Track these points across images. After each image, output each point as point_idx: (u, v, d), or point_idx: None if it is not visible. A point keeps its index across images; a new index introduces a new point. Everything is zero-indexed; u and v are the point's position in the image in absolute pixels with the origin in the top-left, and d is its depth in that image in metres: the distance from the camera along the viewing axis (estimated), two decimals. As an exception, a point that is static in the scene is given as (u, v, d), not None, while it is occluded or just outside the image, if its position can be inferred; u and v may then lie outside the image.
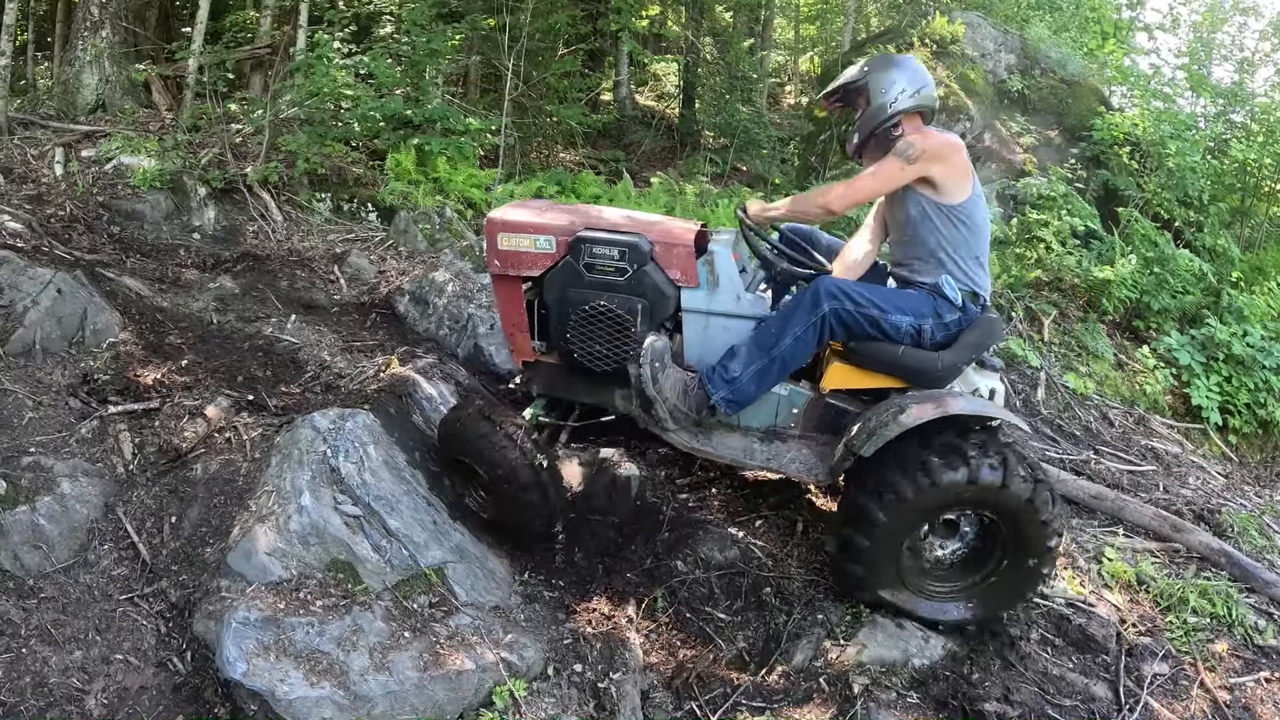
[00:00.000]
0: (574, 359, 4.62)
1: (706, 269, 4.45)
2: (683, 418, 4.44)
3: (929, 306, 4.25)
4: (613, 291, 4.48)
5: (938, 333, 4.26)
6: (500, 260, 4.66)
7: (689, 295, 4.50)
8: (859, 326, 4.19)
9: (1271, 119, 10.31)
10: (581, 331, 4.54)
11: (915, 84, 4.32)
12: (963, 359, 4.29)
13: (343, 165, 9.30)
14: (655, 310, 4.50)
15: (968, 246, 4.32)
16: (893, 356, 4.25)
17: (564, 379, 4.88)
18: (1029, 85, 11.60)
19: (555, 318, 4.65)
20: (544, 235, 4.58)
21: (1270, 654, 4.76)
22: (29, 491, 4.26)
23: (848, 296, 4.16)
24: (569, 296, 4.55)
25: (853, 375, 4.43)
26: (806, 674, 4.15)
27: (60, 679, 3.67)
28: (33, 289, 5.41)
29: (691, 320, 4.55)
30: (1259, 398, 7.71)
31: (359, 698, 3.46)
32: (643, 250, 4.42)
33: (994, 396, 4.41)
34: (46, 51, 12.52)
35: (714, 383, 4.34)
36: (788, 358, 4.26)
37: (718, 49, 14.87)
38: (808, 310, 4.19)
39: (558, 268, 4.57)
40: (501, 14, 10.28)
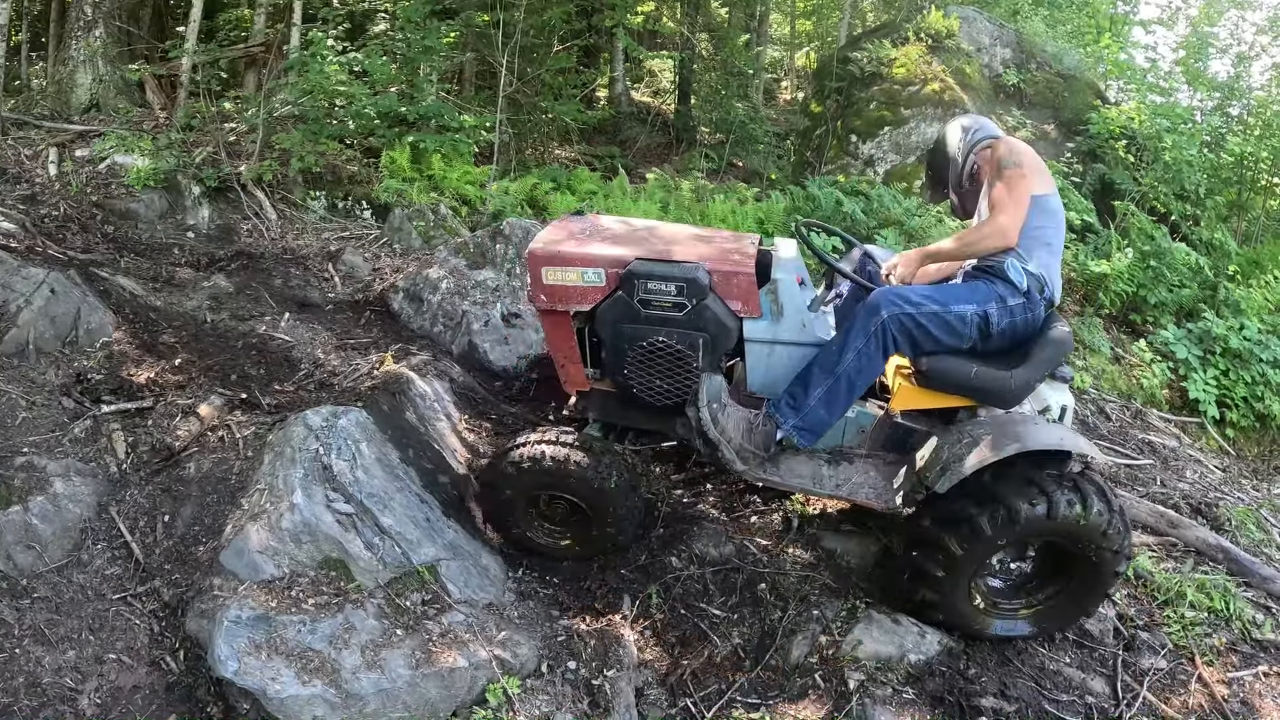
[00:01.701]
0: (633, 393, 4.46)
1: (770, 298, 4.30)
2: (750, 456, 4.29)
3: (990, 292, 4.18)
4: (671, 327, 4.27)
5: (1003, 318, 4.16)
6: (546, 295, 4.40)
7: (752, 326, 4.33)
8: (921, 330, 4.09)
9: (1268, 113, 10.31)
10: (640, 367, 4.37)
11: (972, 125, 4.55)
12: (1035, 377, 4.17)
13: (337, 163, 9.28)
14: (717, 343, 4.31)
15: (1042, 230, 4.28)
16: (965, 378, 4.14)
17: (620, 407, 4.71)
18: (1025, 79, 11.62)
19: (610, 352, 4.45)
20: (592, 268, 4.33)
21: (1268, 648, 4.75)
22: (22, 491, 4.24)
23: (904, 299, 4.08)
24: (624, 332, 4.33)
25: (923, 396, 4.30)
26: (802, 670, 4.15)
27: (53, 678, 3.65)
28: (26, 289, 5.39)
29: (755, 349, 4.39)
30: (1256, 391, 7.71)
31: (351, 696, 3.45)
32: (701, 284, 4.19)
33: (1064, 414, 4.34)
34: (41, 51, 12.50)
35: (782, 413, 4.25)
36: (854, 375, 4.15)
37: (713, 45, 14.84)
38: (864, 321, 4.10)
39: (610, 302, 4.33)
40: (496, 10, 10.25)
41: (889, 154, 11.21)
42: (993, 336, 4.17)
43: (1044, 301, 4.27)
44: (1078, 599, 4.29)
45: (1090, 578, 4.18)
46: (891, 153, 11.20)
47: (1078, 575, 4.22)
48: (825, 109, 12.37)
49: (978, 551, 4.07)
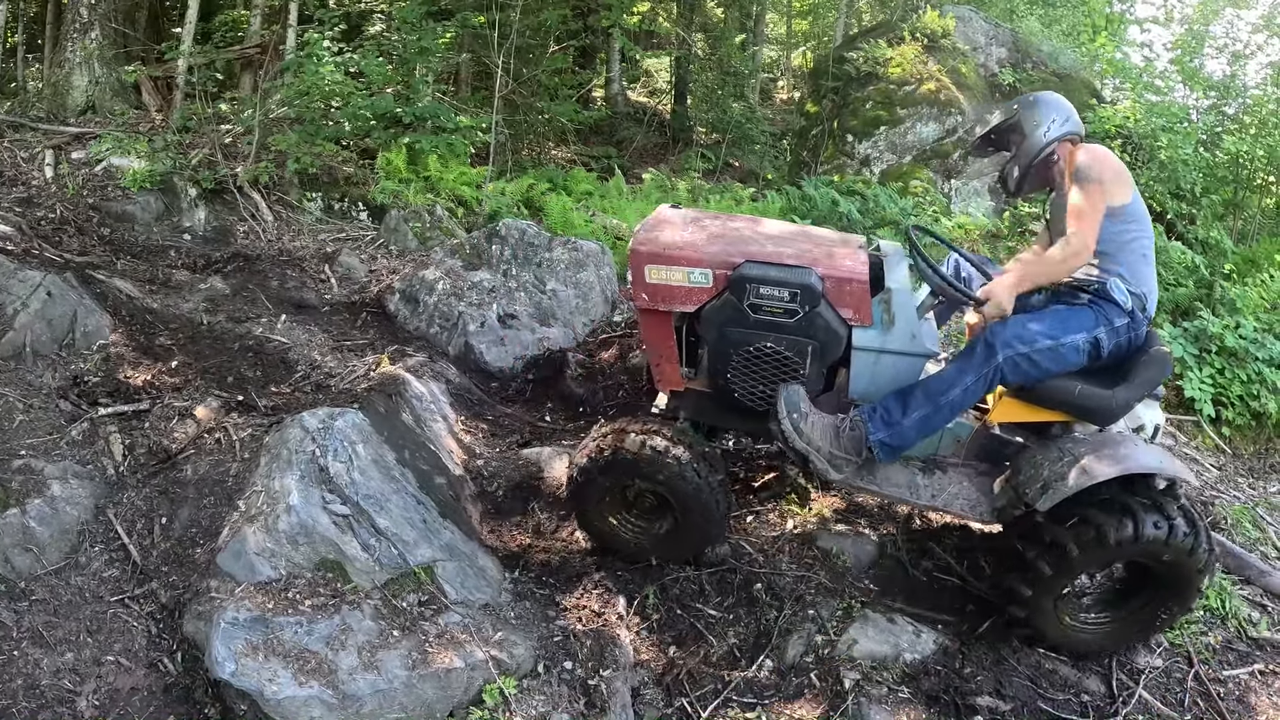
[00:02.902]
0: (734, 398, 4.37)
1: (883, 307, 4.19)
2: (843, 462, 4.20)
3: (1099, 316, 4.15)
4: (780, 333, 4.16)
5: (1111, 341, 4.14)
6: (649, 294, 4.27)
7: (861, 334, 4.22)
8: (1034, 366, 4.06)
9: (1264, 111, 10.32)
10: (745, 372, 4.27)
11: (1064, 114, 4.40)
12: (1136, 397, 4.15)
13: (333, 164, 9.28)
14: (826, 351, 4.22)
15: (1135, 244, 4.27)
16: (1069, 396, 4.12)
17: (715, 408, 4.62)
18: (1021, 79, 11.64)
19: (714, 355, 4.35)
20: (699, 269, 4.20)
21: (1264, 646, 4.76)
22: (19, 494, 4.24)
23: (1020, 339, 4.04)
24: (730, 335, 4.23)
25: (1022, 409, 4.30)
26: (798, 670, 4.16)
27: (51, 681, 3.65)
28: (22, 291, 5.39)
29: (861, 358, 4.27)
30: (1252, 390, 7.71)
31: (348, 697, 3.45)
32: (816, 291, 4.07)
33: (1156, 432, 4.35)
34: (37, 53, 12.49)
35: (874, 423, 4.17)
36: (955, 407, 4.14)
37: (710, 45, 14.85)
38: (980, 361, 4.06)
39: (717, 304, 4.22)
40: (492, 11, 10.25)
41: (885, 153, 11.22)
42: (1101, 359, 4.17)
43: (1145, 319, 4.26)
44: (1160, 613, 4.32)
45: (1174, 593, 4.22)
46: (887, 152, 11.21)
47: (1161, 591, 4.25)
48: (821, 109, 12.38)
49: (1066, 571, 4.10)
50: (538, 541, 4.82)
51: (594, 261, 7.35)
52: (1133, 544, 3.95)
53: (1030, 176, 4.45)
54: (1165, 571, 4.14)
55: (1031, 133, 4.38)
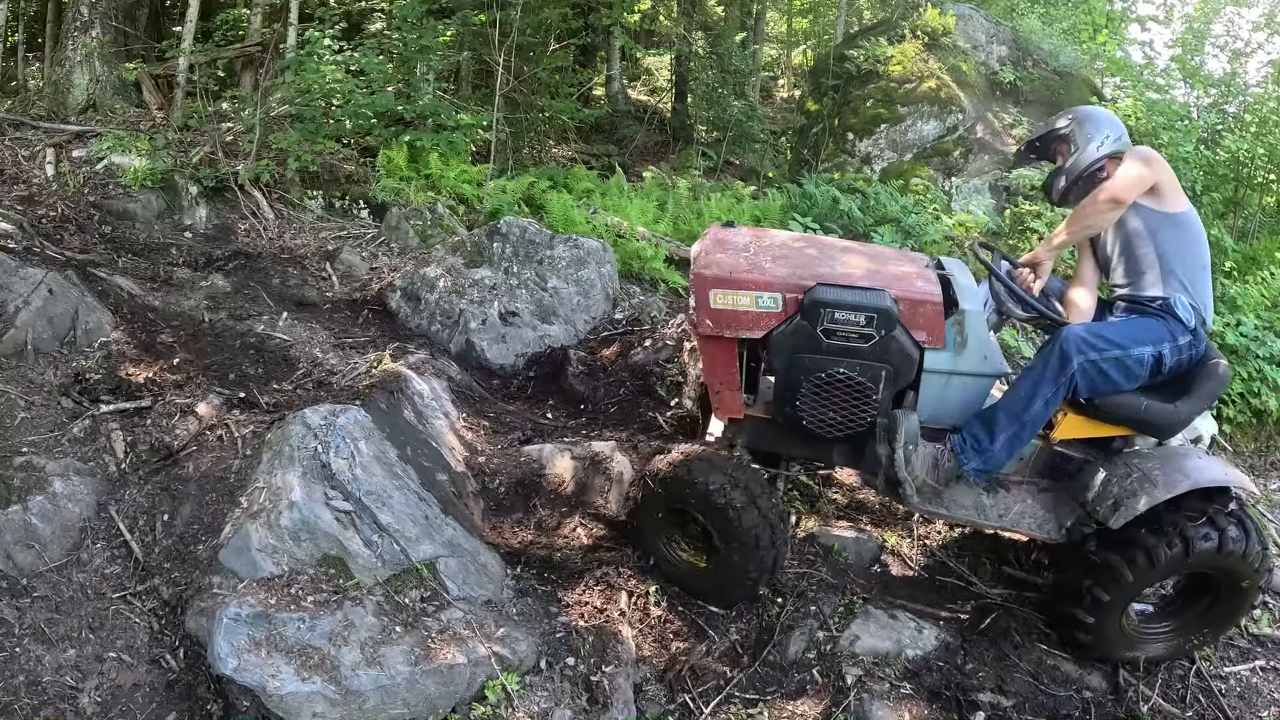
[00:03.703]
0: (803, 425, 4.27)
1: (955, 329, 4.16)
2: (929, 491, 4.23)
3: (1163, 330, 4.18)
4: (854, 359, 4.08)
5: (1173, 357, 4.18)
6: (713, 320, 4.16)
7: (933, 357, 4.18)
8: (1102, 376, 4.08)
9: (1265, 110, 10.31)
10: (816, 399, 4.18)
11: (1116, 131, 4.45)
12: (1198, 410, 4.21)
13: (334, 162, 9.28)
14: (899, 376, 4.15)
15: (1194, 255, 4.30)
16: (1135, 411, 4.14)
17: (775, 435, 4.54)
18: (1021, 77, 11.63)
19: (782, 382, 4.26)
20: (768, 293, 4.10)
21: (1265, 643, 4.78)
22: (21, 491, 4.24)
23: (1091, 346, 4.05)
24: (802, 362, 4.12)
25: (1086, 425, 4.31)
26: (800, 665, 4.17)
27: (54, 677, 3.66)
28: (24, 289, 5.40)
29: (932, 380, 4.22)
30: (1253, 387, 7.72)
31: (350, 692, 3.45)
32: (892, 316, 4.02)
33: (1212, 442, 4.47)
34: (37, 52, 12.47)
35: (966, 454, 4.21)
36: (1038, 421, 4.16)
37: (710, 43, 14.83)
38: (1056, 370, 4.06)
39: (787, 329, 4.12)
40: (492, 9, 10.24)
41: (886, 151, 11.21)
42: (1163, 375, 4.20)
43: (1205, 335, 4.30)
44: (1218, 620, 4.41)
45: (1231, 601, 4.32)
46: (888, 150, 11.20)
47: (1220, 599, 4.34)
48: (822, 107, 12.37)
49: (1126, 591, 4.18)
50: (539, 538, 4.82)
51: (595, 259, 7.35)
52: (1215, 555, 4.08)
53: (1077, 189, 4.47)
54: (1227, 579, 4.24)
55: (1085, 147, 4.43)
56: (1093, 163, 4.41)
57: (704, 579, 4.44)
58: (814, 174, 10.79)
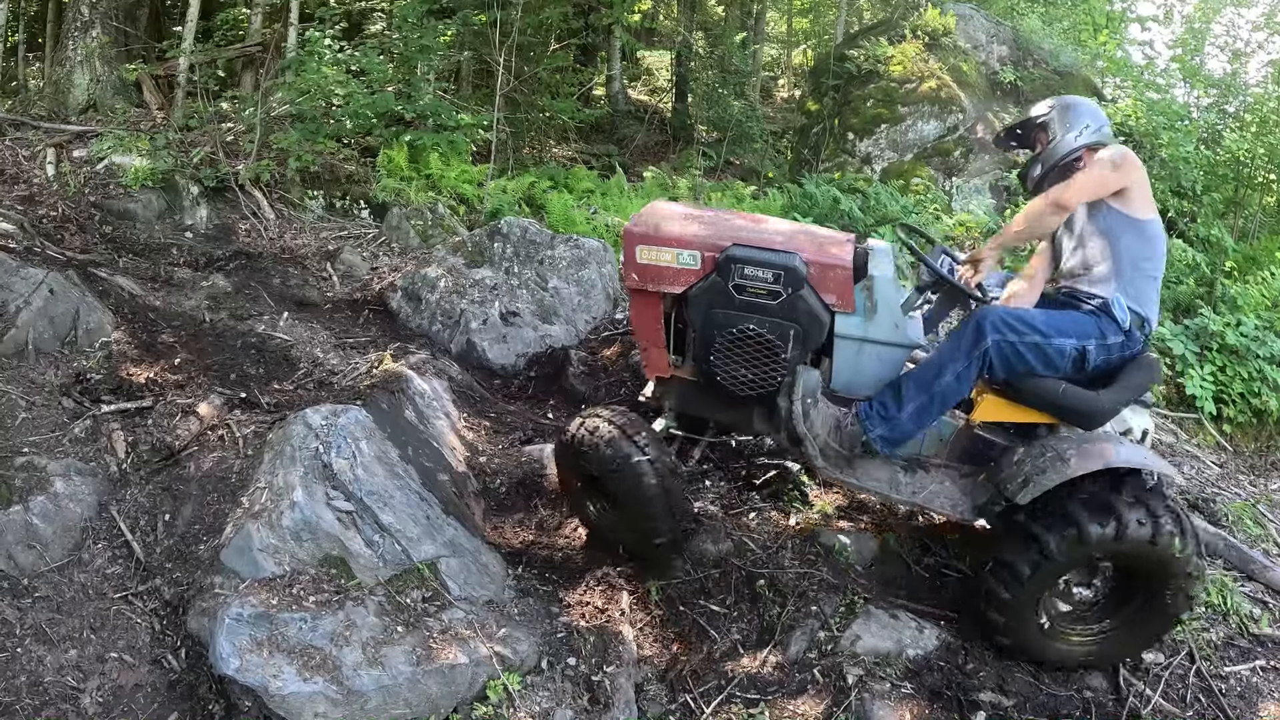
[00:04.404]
0: (716, 381, 4.39)
1: (865, 294, 4.26)
2: (833, 454, 4.29)
3: (1092, 327, 4.12)
4: (763, 315, 4.23)
5: (1100, 355, 4.12)
6: (639, 275, 4.39)
7: (844, 321, 4.28)
8: (1020, 359, 4.06)
9: (1265, 109, 10.32)
10: (727, 355, 4.31)
11: (1096, 121, 4.37)
12: (1122, 400, 4.12)
13: (335, 162, 9.28)
14: (808, 336, 4.27)
15: (1149, 265, 4.23)
16: (1053, 395, 4.09)
17: (700, 397, 4.66)
18: (1021, 77, 11.64)
19: (698, 338, 4.43)
20: (688, 250, 4.30)
21: (1266, 643, 4.76)
22: (23, 491, 4.25)
23: (1009, 327, 4.04)
24: (715, 318, 4.30)
25: (1007, 409, 4.27)
26: (801, 665, 4.16)
27: (55, 678, 3.66)
28: (25, 289, 5.40)
29: (844, 346, 4.33)
30: (1253, 387, 7.72)
31: (352, 692, 3.46)
32: (799, 274, 4.16)
33: (1145, 437, 4.31)
34: (38, 52, 12.48)
35: (871, 420, 4.23)
36: (949, 395, 4.16)
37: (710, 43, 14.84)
38: (970, 345, 4.07)
39: (703, 286, 4.31)
40: (493, 9, 10.25)
41: (886, 151, 11.22)
42: (1087, 370, 4.14)
43: (1144, 338, 4.23)
44: (1148, 623, 4.23)
45: (1161, 601, 4.13)
46: (889, 150, 11.21)
47: (1153, 596, 4.16)
48: (822, 107, 12.39)
49: (1046, 572, 4.03)
50: (540, 538, 4.82)
51: (596, 259, 7.35)
52: (1114, 542, 3.90)
53: (1052, 177, 4.39)
54: (1154, 574, 4.06)
55: (1062, 135, 4.36)
56: (1069, 152, 4.34)
57: (624, 538, 4.55)
58: (814, 174, 10.80)
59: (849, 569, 4.77)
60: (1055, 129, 4.39)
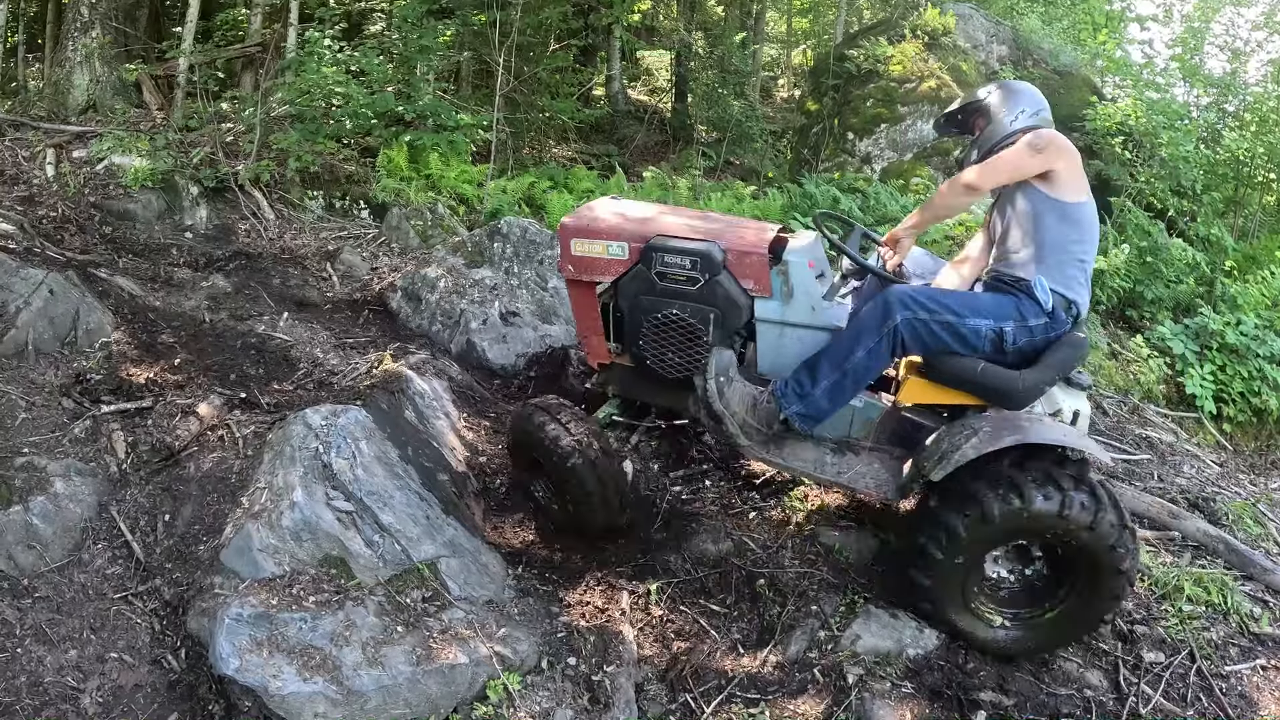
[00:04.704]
0: (647, 365, 4.65)
1: (781, 279, 4.39)
2: (754, 432, 4.38)
3: (1011, 308, 4.10)
4: (684, 300, 4.47)
5: (1020, 337, 4.10)
6: (574, 266, 4.71)
7: (763, 305, 4.46)
8: (933, 337, 4.07)
9: (1264, 108, 10.32)
10: (654, 339, 4.58)
11: (1034, 105, 4.35)
12: (1046, 379, 4.08)
13: (334, 163, 9.29)
14: (728, 320, 4.47)
15: (1076, 246, 4.17)
16: (971, 374, 4.10)
17: (638, 382, 4.90)
18: (1021, 76, 11.61)
19: (629, 324, 4.68)
20: (616, 242, 4.59)
21: (1266, 642, 4.75)
22: (22, 491, 4.25)
23: (920, 305, 4.05)
24: (642, 304, 4.57)
25: (931, 391, 4.28)
26: (801, 665, 4.16)
27: (55, 678, 3.66)
28: (25, 290, 5.40)
29: (765, 330, 4.51)
30: (1253, 386, 7.73)
31: (352, 692, 3.46)
32: (715, 260, 4.39)
33: (1078, 418, 4.24)
34: (37, 52, 12.49)
35: (786, 397, 4.30)
36: (861, 372, 4.19)
37: (710, 43, 14.84)
38: (879, 321, 4.10)
39: (631, 275, 4.59)
40: (492, 9, 10.25)
41: (886, 151, 11.22)
42: (1007, 353, 4.11)
43: (1070, 320, 4.19)
44: (1083, 609, 4.16)
45: (1097, 582, 4.04)
46: (888, 150, 11.21)
47: (1083, 580, 4.09)
48: (822, 106, 12.39)
49: (958, 553, 4.01)
50: (540, 538, 4.82)
51: (595, 259, 7.34)
52: (1021, 518, 3.86)
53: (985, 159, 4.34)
54: (1079, 555, 3.99)
55: (998, 119, 4.34)
56: (1005, 136, 4.29)
57: (568, 518, 4.69)
58: (814, 174, 10.80)
59: (849, 569, 4.76)
60: (992, 113, 4.37)
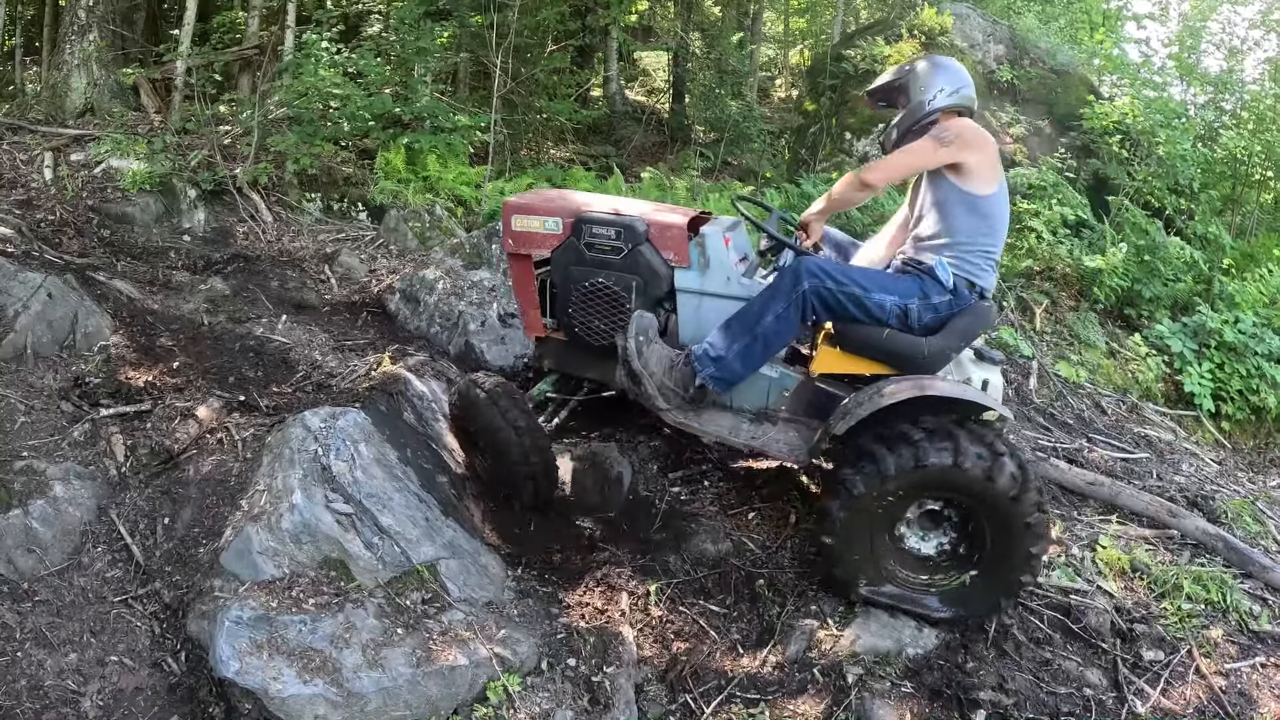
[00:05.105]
0: (575, 333, 4.92)
1: (698, 250, 4.64)
2: (671, 394, 4.55)
3: (916, 287, 4.24)
4: (609, 269, 4.75)
5: (925, 314, 4.24)
6: (514, 240, 5.05)
7: (682, 275, 4.70)
8: (840, 306, 4.22)
9: (1262, 107, 10.31)
10: (581, 307, 4.84)
11: (955, 83, 4.39)
12: (951, 345, 4.24)
13: (332, 165, 9.29)
14: (649, 288, 4.72)
15: (982, 238, 4.27)
16: (877, 339, 4.27)
17: (571, 355, 5.14)
18: (1018, 75, 11.62)
19: (560, 293, 4.95)
20: (552, 217, 4.92)
21: (1265, 639, 4.76)
22: (22, 495, 4.25)
23: (828, 275, 4.20)
24: (571, 274, 4.84)
25: (842, 360, 4.44)
26: (801, 665, 4.16)
27: (55, 681, 3.66)
28: (23, 293, 5.41)
29: (685, 300, 4.73)
30: (1251, 384, 7.72)
31: (352, 695, 3.46)
32: (638, 231, 4.67)
33: (987, 388, 4.34)
34: (35, 56, 12.49)
35: (701, 361, 4.44)
36: (770, 336, 4.32)
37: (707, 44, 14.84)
38: (788, 288, 4.24)
39: (563, 247, 4.88)
40: (490, 11, 10.25)
41: (883, 151, 11.20)
42: (913, 329, 4.25)
43: (974, 295, 4.31)
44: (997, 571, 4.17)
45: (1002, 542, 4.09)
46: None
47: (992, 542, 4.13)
48: (819, 107, 12.38)
49: (857, 510, 4.11)
50: (540, 539, 4.82)
51: (594, 260, 7.35)
52: (917, 473, 3.94)
53: (908, 140, 4.41)
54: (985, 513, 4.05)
55: (916, 96, 4.41)
56: (924, 115, 4.37)
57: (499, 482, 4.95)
58: (812, 173, 10.78)
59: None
60: (912, 91, 4.43)
